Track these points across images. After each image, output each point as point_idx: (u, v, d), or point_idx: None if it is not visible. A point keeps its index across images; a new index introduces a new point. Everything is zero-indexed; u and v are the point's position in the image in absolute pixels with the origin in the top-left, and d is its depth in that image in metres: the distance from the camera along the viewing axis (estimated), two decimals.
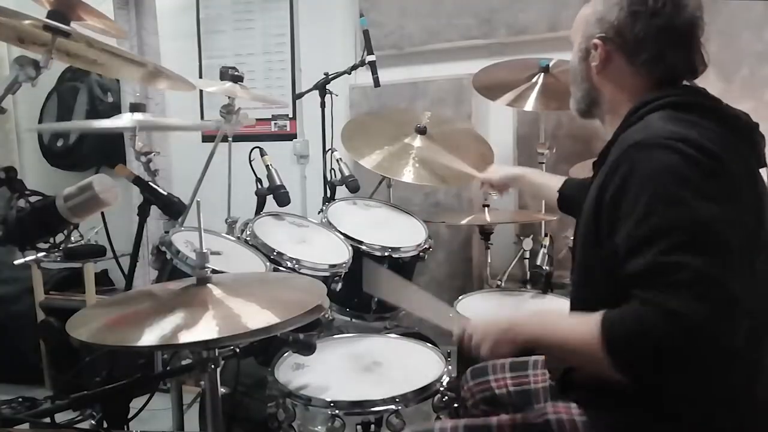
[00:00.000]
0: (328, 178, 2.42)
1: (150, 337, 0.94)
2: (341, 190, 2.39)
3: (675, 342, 0.85)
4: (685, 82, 1.13)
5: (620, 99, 1.11)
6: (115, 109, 3.23)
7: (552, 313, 1.10)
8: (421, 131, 2.37)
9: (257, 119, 3.19)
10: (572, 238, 1.23)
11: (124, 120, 1.69)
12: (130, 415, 1.27)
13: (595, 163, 1.14)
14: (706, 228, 0.89)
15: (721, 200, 0.90)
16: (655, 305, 0.87)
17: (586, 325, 0.93)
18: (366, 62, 2.35)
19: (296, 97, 2.82)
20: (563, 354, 1.04)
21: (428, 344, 1.63)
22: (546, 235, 2.38)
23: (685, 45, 1.09)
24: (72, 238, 1.38)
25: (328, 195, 2.43)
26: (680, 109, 1.01)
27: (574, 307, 1.15)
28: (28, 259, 1.36)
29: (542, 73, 2.31)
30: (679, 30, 1.08)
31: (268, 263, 1.73)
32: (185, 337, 0.94)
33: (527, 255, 2.41)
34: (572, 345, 0.97)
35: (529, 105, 2.26)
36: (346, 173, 2.33)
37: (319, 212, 2.13)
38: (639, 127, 1.02)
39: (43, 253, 1.36)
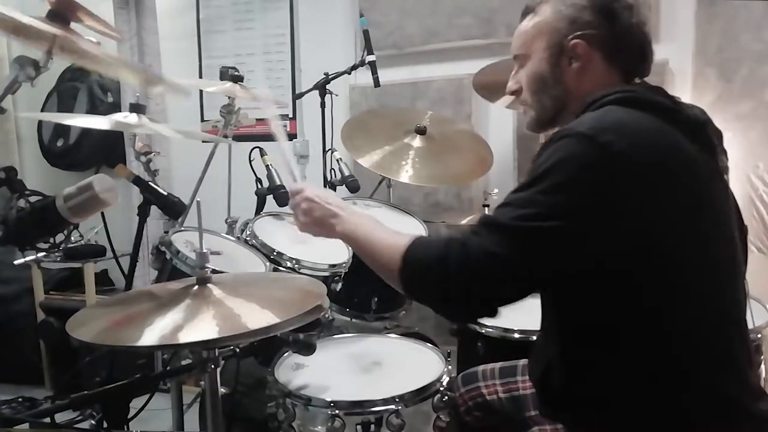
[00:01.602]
0: (328, 178, 2.42)
1: (150, 337, 0.94)
2: (341, 190, 2.39)
3: (451, 270, 0.95)
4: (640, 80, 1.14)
5: (585, 97, 1.10)
6: (115, 109, 3.22)
7: (375, 219, 1.15)
8: (421, 131, 2.37)
9: (257, 119, 3.19)
10: None
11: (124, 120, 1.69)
12: (130, 415, 1.26)
13: None
14: (550, 202, 0.93)
15: (585, 185, 0.92)
16: (463, 237, 0.97)
17: (398, 238, 1.05)
18: (366, 62, 2.35)
19: (296, 97, 2.82)
20: (368, 256, 1.11)
21: (428, 344, 1.63)
22: None
23: (645, 41, 1.11)
24: (72, 238, 1.38)
25: None
26: (623, 103, 1.02)
27: (544, 330, 1.17)
28: (28, 259, 1.35)
29: None
30: (642, 30, 1.10)
31: (268, 263, 1.72)
32: (185, 337, 0.94)
33: None
34: (379, 250, 1.07)
35: None
36: (346, 173, 2.33)
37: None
38: (575, 120, 1.03)
39: (43, 253, 1.36)
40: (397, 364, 1.53)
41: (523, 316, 1.66)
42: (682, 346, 0.97)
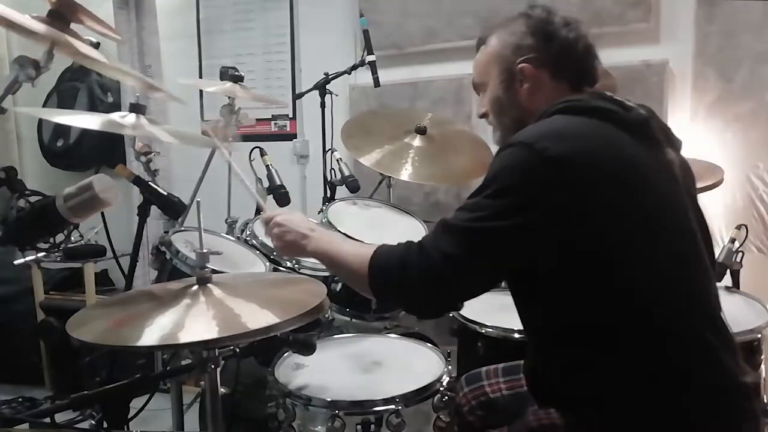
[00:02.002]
0: (328, 178, 2.42)
1: (150, 337, 0.94)
2: (341, 190, 2.39)
3: (416, 277, 1.05)
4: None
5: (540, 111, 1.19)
6: (115, 109, 3.22)
7: (340, 236, 1.31)
8: (421, 131, 2.37)
9: (257, 119, 3.19)
10: None
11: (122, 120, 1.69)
12: (130, 415, 1.26)
13: None
14: (499, 215, 1.01)
15: (521, 190, 1.01)
16: (420, 242, 1.08)
17: (364, 249, 1.15)
18: (366, 62, 2.35)
19: (296, 97, 2.82)
20: (339, 269, 1.23)
21: (428, 344, 1.63)
22: None
23: (588, 57, 1.20)
24: (72, 238, 1.38)
25: (328, 195, 2.44)
26: (567, 112, 1.10)
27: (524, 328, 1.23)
28: (28, 259, 1.35)
29: None
30: (582, 44, 1.19)
31: (268, 263, 1.72)
32: (185, 337, 0.94)
33: None
34: (348, 263, 1.17)
35: None
36: (346, 173, 2.33)
37: (319, 212, 2.12)
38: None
39: (43, 253, 1.36)
40: (397, 364, 1.53)
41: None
42: (649, 338, 1.01)
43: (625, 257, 1.02)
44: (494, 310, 1.74)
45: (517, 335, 1.63)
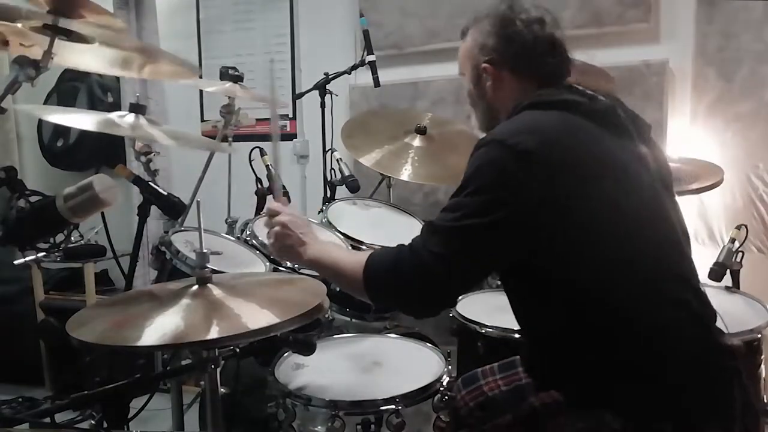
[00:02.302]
0: (328, 178, 2.42)
1: (150, 337, 0.94)
2: (341, 190, 2.39)
3: (409, 279, 1.10)
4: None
5: (509, 107, 1.24)
6: (115, 109, 3.21)
7: (334, 244, 1.36)
8: (421, 131, 2.37)
9: (257, 119, 3.19)
10: None
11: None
12: (130, 415, 1.26)
13: None
14: (479, 212, 1.07)
15: (496, 185, 1.07)
16: (410, 244, 1.13)
17: (359, 256, 1.21)
18: (366, 62, 2.35)
19: (296, 97, 2.82)
20: (335, 277, 1.27)
21: (428, 344, 1.63)
22: None
23: (554, 53, 1.24)
24: (72, 238, 1.38)
25: (328, 195, 2.44)
26: (536, 107, 1.16)
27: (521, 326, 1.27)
28: (28, 259, 1.35)
29: None
30: (545, 42, 1.23)
31: (268, 263, 1.72)
32: (185, 337, 0.94)
33: None
34: (343, 269, 1.22)
35: None
36: (346, 173, 2.33)
37: (319, 212, 2.13)
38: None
39: (43, 253, 1.36)
40: (397, 364, 1.53)
41: None
42: (623, 320, 1.06)
43: (602, 245, 1.07)
44: (494, 310, 1.74)
45: (517, 335, 1.63)
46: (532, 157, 1.05)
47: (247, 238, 1.80)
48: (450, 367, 1.47)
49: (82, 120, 1.44)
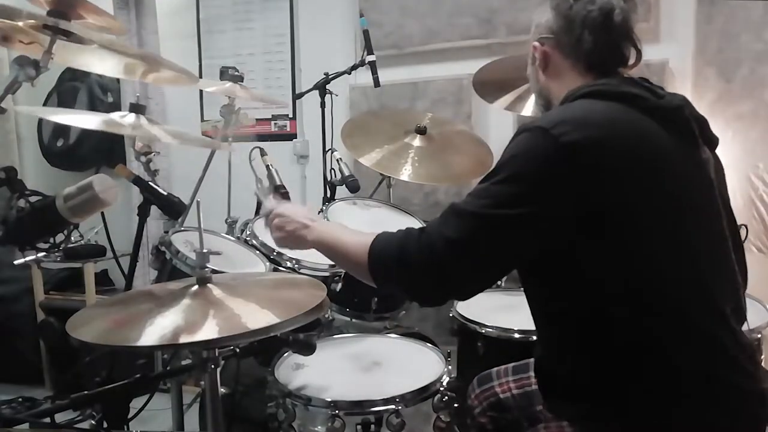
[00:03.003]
0: (328, 178, 2.41)
1: (150, 337, 0.94)
2: (341, 190, 2.39)
3: (413, 253, 1.02)
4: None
5: (562, 93, 1.15)
6: (115, 109, 3.22)
7: (340, 225, 1.28)
8: (421, 131, 2.37)
9: (257, 119, 3.19)
10: None
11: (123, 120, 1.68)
12: (130, 415, 1.26)
13: None
14: (508, 203, 0.98)
15: (538, 173, 0.97)
16: (425, 227, 1.05)
17: (365, 236, 1.12)
18: (366, 62, 2.35)
19: (296, 97, 2.82)
20: (340, 258, 1.20)
21: (428, 344, 1.63)
22: None
23: (611, 33, 1.12)
24: (72, 238, 1.38)
25: (328, 195, 2.43)
26: (593, 96, 1.07)
27: (536, 325, 1.19)
28: (28, 259, 1.35)
29: None
30: (604, 20, 1.11)
31: (268, 263, 1.72)
32: (185, 337, 0.94)
33: None
34: (347, 250, 1.15)
35: (527, 110, 2.25)
36: (346, 173, 2.33)
37: (319, 212, 2.13)
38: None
39: (43, 253, 1.36)
40: (397, 364, 1.53)
41: (523, 316, 1.66)
42: (657, 331, 0.98)
43: (636, 251, 0.98)
44: (494, 310, 1.74)
45: (517, 335, 1.63)
46: (576, 151, 0.96)
47: (247, 238, 1.80)
48: (450, 367, 1.46)
49: (85, 120, 1.44)
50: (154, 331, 0.96)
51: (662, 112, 1.05)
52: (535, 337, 1.51)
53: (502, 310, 1.86)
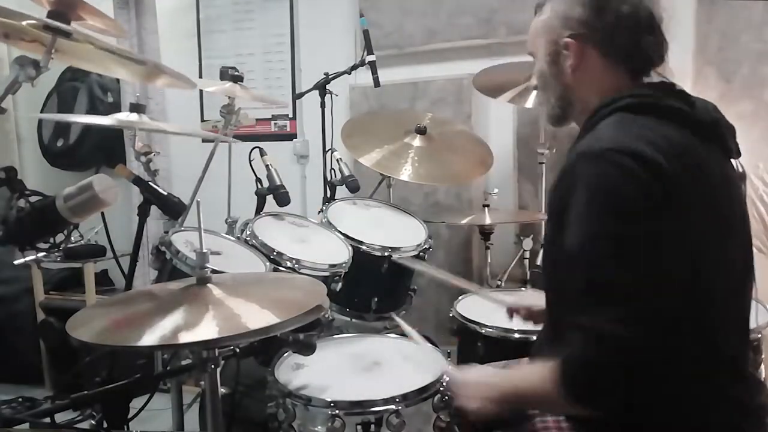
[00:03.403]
0: (328, 178, 2.42)
1: (150, 337, 0.94)
2: (341, 190, 2.39)
3: (620, 364, 0.87)
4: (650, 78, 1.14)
5: (593, 98, 1.09)
6: (115, 109, 3.23)
7: (502, 373, 1.13)
8: (421, 131, 2.37)
9: (257, 119, 3.19)
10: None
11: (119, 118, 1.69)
12: (130, 415, 1.26)
13: None
14: (633, 240, 0.89)
15: (650, 210, 0.90)
16: (585, 330, 0.89)
17: (540, 376, 0.95)
18: (366, 62, 2.35)
19: (296, 97, 2.82)
20: (530, 406, 1.07)
21: (428, 344, 1.63)
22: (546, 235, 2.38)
23: (652, 31, 1.09)
24: (72, 238, 1.38)
25: (328, 195, 2.44)
26: (636, 111, 1.01)
27: (548, 321, 1.16)
28: (28, 259, 1.35)
29: None
30: (643, 16, 1.07)
31: (268, 263, 1.72)
32: (185, 337, 0.94)
33: (527, 255, 2.41)
34: (533, 397, 1.00)
35: (530, 102, 2.26)
36: (346, 173, 2.33)
37: (319, 212, 2.13)
38: (590, 135, 1.02)
39: (43, 253, 1.36)
40: (397, 364, 1.52)
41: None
42: (695, 345, 0.95)
43: (696, 277, 0.94)
44: (494, 310, 1.74)
45: (517, 335, 1.63)
46: (660, 170, 0.90)
47: (247, 238, 1.80)
48: (450, 367, 1.46)
49: (96, 120, 1.44)
50: (154, 331, 0.96)
51: (700, 126, 1.01)
52: (534, 337, 1.51)
53: (502, 310, 1.86)
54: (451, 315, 1.82)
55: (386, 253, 1.95)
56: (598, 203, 0.92)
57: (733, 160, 1.09)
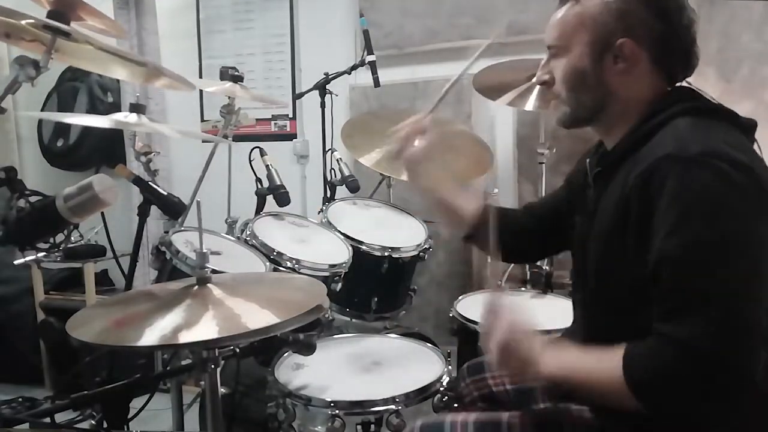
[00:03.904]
0: (328, 178, 2.42)
1: (150, 337, 0.94)
2: (341, 190, 2.39)
3: (698, 376, 0.85)
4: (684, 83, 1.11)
5: (633, 102, 1.06)
6: (115, 109, 3.23)
7: (572, 352, 1.02)
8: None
9: (257, 119, 3.20)
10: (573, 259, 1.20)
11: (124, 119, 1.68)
12: (130, 415, 1.26)
13: (599, 174, 1.11)
14: (738, 251, 0.87)
15: (751, 217, 0.88)
16: (674, 341, 0.86)
17: (609, 365, 0.92)
18: (366, 62, 2.35)
19: (296, 97, 2.82)
20: (590, 393, 0.98)
21: (428, 344, 1.63)
22: None
23: (695, 41, 1.05)
24: (72, 238, 1.38)
25: (328, 195, 2.44)
26: (702, 115, 1.00)
27: (590, 333, 1.12)
28: (28, 259, 1.35)
29: None
30: (692, 26, 1.04)
31: (268, 263, 1.72)
32: (185, 337, 0.94)
33: None
34: (598, 386, 0.94)
35: (530, 105, 2.26)
36: (346, 173, 2.33)
37: (319, 212, 2.13)
38: (666, 136, 0.98)
39: (43, 253, 1.36)
40: (397, 364, 1.53)
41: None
42: None
43: None
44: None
45: None
46: (753, 170, 0.90)
47: (247, 238, 1.80)
48: (450, 367, 1.47)
49: (93, 121, 1.44)
50: (154, 331, 0.95)
51: (748, 128, 1.02)
52: None
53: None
54: (451, 315, 1.82)
55: (386, 253, 1.95)
56: (698, 208, 0.88)
57: None
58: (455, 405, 1.39)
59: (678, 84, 1.08)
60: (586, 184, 1.16)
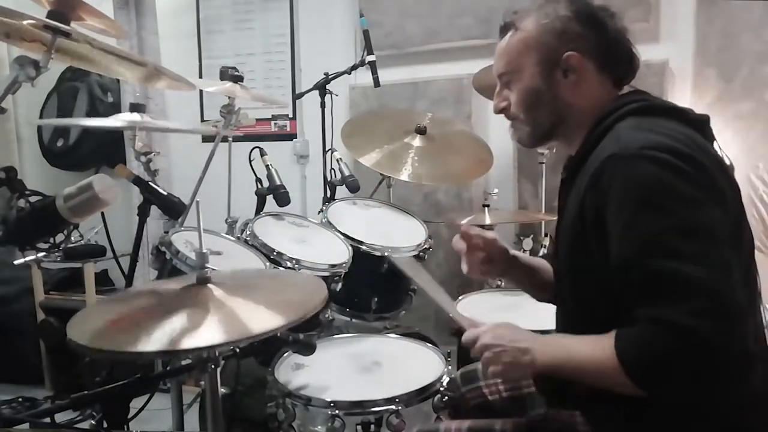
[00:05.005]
0: (328, 178, 2.42)
1: (150, 343, 0.93)
2: (341, 190, 2.39)
3: (692, 356, 0.86)
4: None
5: (588, 110, 1.10)
6: (115, 109, 3.22)
7: (566, 336, 1.04)
8: (421, 131, 2.37)
9: (257, 119, 3.19)
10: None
11: (123, 119, 1.69)
12: (130, 415, 1.26)
13: (564, 180, 1.15)
14: (695, 232, 0.89)
15: (702, 202, 0.91)
16: (662, 323, 0.87)
17: (602, 349, 0.93)
18: (366, 62, 2.35)
19: (296, 97, 2.82)
20: (583, 378, 0.99)
21: (428, 344, 1.63)
22: (546, 235, 2.39)
23: (627, 41, 1.12)
24: (72, 238, 1.38)
25: (328, 195, 2.44)
26: (644, 113, 1.04)
27: (566, 328, 1.13)
28: (28, 259, 1.35)
29: None
30: (626, 35, 1.12)
31: (268, 263, 1.72)
32: (187, 344, 0.92)
33: None
34: (594, 370, 0.95)
35: None
36: (346, 173, 2.33)
37: (319, 212, 2.13)
38: (610, 138, 1.02)
39: (43, 253, 1.36)
40: (397, 364, 1.53)
41: (522, 316, 1.66)
42: (749, 341, 0.93)
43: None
44: (494, 310, 1.74)
45: None
46: (696, 160, 0.93)
47: (247, 238, 1.80)
48: (450, 367, 1.47)
49: (101, 123, 1.44)
50: (155, 337, 0.94)
51: (697, 122, 1.04)
52: None
53: (502, 310, 1.86)
54: (450, 315, 1.82)
55: (386, 253, 1.95)
56: (647, 199, 0.91)
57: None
58: (450, 414, 1.38)
59: (632, 88, 1.14)
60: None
